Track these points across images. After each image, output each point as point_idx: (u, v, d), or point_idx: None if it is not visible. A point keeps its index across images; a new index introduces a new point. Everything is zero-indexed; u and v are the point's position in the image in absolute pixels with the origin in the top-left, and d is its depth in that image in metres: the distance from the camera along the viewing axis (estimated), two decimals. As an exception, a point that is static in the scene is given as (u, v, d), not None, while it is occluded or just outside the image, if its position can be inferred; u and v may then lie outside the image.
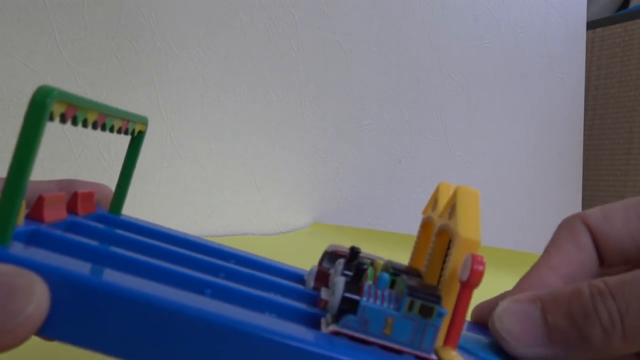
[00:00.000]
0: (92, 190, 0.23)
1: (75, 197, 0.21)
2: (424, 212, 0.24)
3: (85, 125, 0.17)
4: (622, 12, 1.67)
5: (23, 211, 0.17)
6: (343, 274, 0.19)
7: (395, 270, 0.19)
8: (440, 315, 0.16)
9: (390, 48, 1.10)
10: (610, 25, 1.64)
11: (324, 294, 0.20)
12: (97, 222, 0.22)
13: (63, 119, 0.16)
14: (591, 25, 1.67)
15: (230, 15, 0.88)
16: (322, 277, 0.21)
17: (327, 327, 0.17)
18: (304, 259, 0.73)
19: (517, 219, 1.34)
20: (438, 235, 0.21)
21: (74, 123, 0.17)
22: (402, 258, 0.26)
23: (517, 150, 1.37)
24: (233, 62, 0.89)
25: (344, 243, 0.94)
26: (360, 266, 0.17)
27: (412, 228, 0.26)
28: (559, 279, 0.21)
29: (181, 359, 0.14)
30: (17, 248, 0.15)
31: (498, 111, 1.32)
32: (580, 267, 0.21)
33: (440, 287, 0.18)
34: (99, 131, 0.73)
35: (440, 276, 0.19)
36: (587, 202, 1.54)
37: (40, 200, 0.18)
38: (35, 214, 0.19)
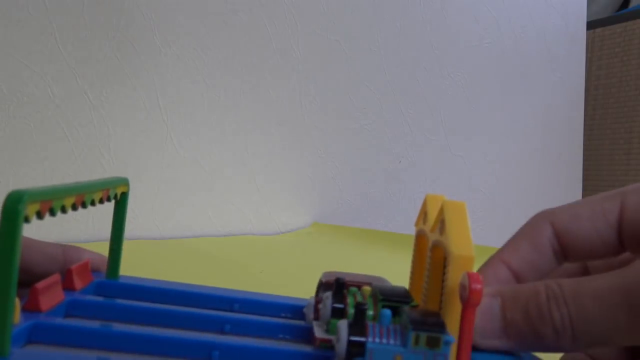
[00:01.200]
0: (87, 260, 0.23)
1: (70, 274, 0.21)
2: (416, 224, 0.25)
3: (64, 211, 0.17)
4: (622, 12, 1.67)
5: (18, 308, 0.17)
6: (333, 308, 0.19)
7: (383, 296, 0.19)
8: (447, 343, 0.17)
9: (390, 48, 1.10)
10: (610, 25, 1.64)
11: (317, 331, 0.20)
12: (96, 295, 0.22)
13: (40, 216, 0.16)
14: (591, 25, 1.67)
15: (230, 15, 0.88)
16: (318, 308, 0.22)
17: None
18: (304, 259, 0.73)
19: (517, 219, 1.34)
20: (432, 250, 0.21)
21: (52, 215, 0.17)
22: (402, 258, 0.26)
23: (517, 150, 1.37)
24: (233, 62, 0.89)
25: (344, 243, 0.93)
26: (361, 307, 0.17)
27: (412, 228, 0.26)
28: (510, 273, 0.22)
29: None
30: (18, 356, 0.15)
31: (498, 111, 1.32)
32: (530, 264, 0.22)
33: (442, 305, 0.19)
34: (98, 131, 0.73)
35: (442, 294, 0.19)
36: (587, 202, 1.54)
37: (34, 291, 0.18)
38: (31, 305, 0.19)
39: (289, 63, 0.96)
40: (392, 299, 0.19)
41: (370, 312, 0.19)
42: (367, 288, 0.21)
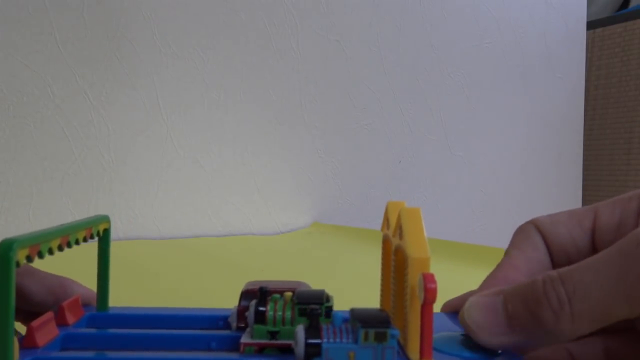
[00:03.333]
0: (77, 296, 0.24)
1: (62, 310, 0.23)
2: (382, 229, 0.27)
3: (51, 253, 0.19)
4: (622, 12, 1.67)
5: (17, 346, 0.18)
6: (256, 311, 0.21)
7: (299, 301, 0.21)
8: (393, 336, 0.18)
9: (390, 48, 1.10)
10: (610, 25, 1.64)
11: (243, 337, 0.21)
12: (88, 328, 0.24)
13: (30, 260, 0.18)
14: (591, 25, 1.67)
15: (230, 15, 0.88)
16: (243, 317, 0.23)
17: None
18: (304, 259, 0.73)
19: (517, 219, 1.34)
20: (395, 253, 0.23)
21: (41, 257, 0.18)
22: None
23: (517, 150, 1.37)
24: (233, 62, 0.89)
25: (344, 243, 0.93)
26: (314, 312, 0.19)
27: None
28: (521, 275, 0.23)
29: None
30: None
31: (498, 111, 1.32)
32: (539, 264, 0.24)
33: (406, 304, 0.21)
34: (98, 132, 0.73)
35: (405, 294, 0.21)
36: (587, 202, 1.54)
37: (30, 330, 0.20)
38: (28, 342, 0.20)
39: (289, 63, 0.96)
40: (308, 302, 0.21)
41: (288, 314, 0.21)
42: (288, 294, 0.22)
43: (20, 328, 0.24)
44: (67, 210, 0.74)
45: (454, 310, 0.25)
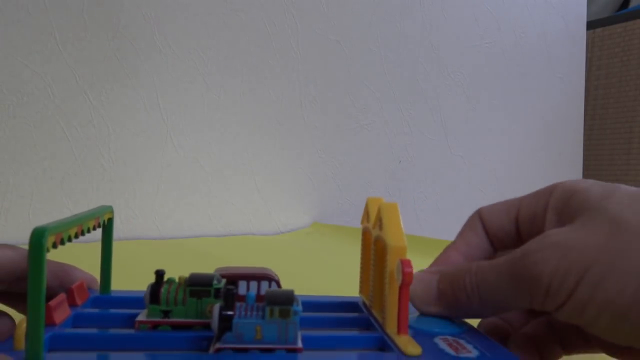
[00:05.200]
0: (82, 281, 0.27)
1: (72, 293, 0.26)
2: (362, 222, 0.29)
3: (69, 240, 0.22)
4: (622, 12, 1.67)
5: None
6: (151, 293, 0.24)
7: (189, 282, 0.24)
8: (296, 313, 0.21)
9: (390, 48, 1.10)
10: (610, 25, 1.64)
11: (140, 316, 0.24)
12: (94, 308, 0.27)
13: (54, 246, 0.20)
14: (591, 25, 1.67)
15: (230, 15, 0.88)
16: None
17: (212, 347, 0.21)
18: (304, 259, 0.73)
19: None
20: (375, 243, 0.26)
21: (62, 244, 0.21)
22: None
23: (517, 150, 1.37)
24: (233, 62, 0.89)
25: (344, 243, 0.93)
26: (229, 292, 0.21)
27: (411, 228, 0.28)
28: (460, 256, 0.28)
29: None
30: (50, 358, 0.20)
31: (498, 111, 1.32)
32: (476, 248, 0.28)
33: (385, 287, 0.23)
34: (98, 132, 0.73)
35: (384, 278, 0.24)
36: (587, 202, 1.54)
37: (49, 309, 0.23)
38: (48, 320, 0.23)
39: (289, 63, 0.96)
40: (198, 284, 0.24)
41: (181, 295, 0.23)
42: (182, 277, 0.24)
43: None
44: (67, 210, 0.74)
45: None
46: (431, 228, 1.14)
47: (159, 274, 0.24)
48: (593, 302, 0.21)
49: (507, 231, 0.27)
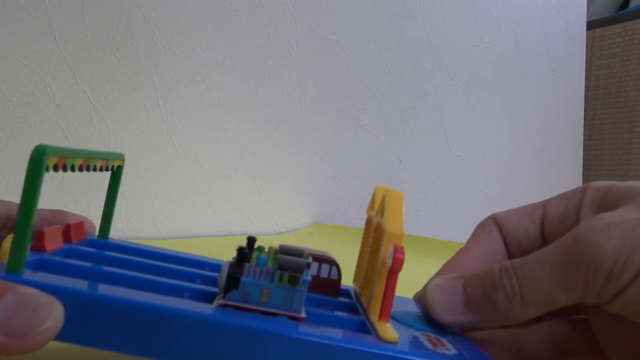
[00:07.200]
0: (82, 221, 0.27)
1: (69, 227, 0.26)
2: (367, 211, 0.28)
3: (73, 170, 0.21)
4: (622, 12, 1.67)
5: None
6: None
7: (282, 251, 0.23)
8: (305, 282, 0.20)
9: (390, 48, 1.10)
10: (610, 25, 1.64)
11: (217, 300, 0.24)
12: (89, 247, 0.26)
13: (56, 169, 0.20)
14: (591, 25, 1.67)
15: (230, 15, 0.88)
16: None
17: (217, 301, 0.21)
18: (304, 259, 0.73)
19: (517, 219, 1.34)
20: (375, 231, 0.25)
21: (64, 170, 0.21)
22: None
23: (517, 150, 1.37)
24: (233, 62, 0.89)
25: (344, 243, 0.93)
26: (242, 250, 0.21)
27: (411, 228, 0.28)
28: (474, 261, 0.26)
29: (157, 345, 0.19)
30: (30, 275, 0.19)
31: (498, 111, 1.32)
32: (493, 253, 0.26)
33: (377, 273, 0.23)
34: (98, 132, 0.73)
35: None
36: (587, 202, 1.54)
37: (41, 234, 0.23)
38: (38, 245, 0.23)
39: (289, 63, 0.96)
40: (287, 253, 0.23)
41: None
42: (273, 247, 0.24)
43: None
44: (67, 210, 0.74)
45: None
46: (431, 228, 1.14)
47: (242, 251, 0.23)
48: None
49: (530, 234, 0.26)
